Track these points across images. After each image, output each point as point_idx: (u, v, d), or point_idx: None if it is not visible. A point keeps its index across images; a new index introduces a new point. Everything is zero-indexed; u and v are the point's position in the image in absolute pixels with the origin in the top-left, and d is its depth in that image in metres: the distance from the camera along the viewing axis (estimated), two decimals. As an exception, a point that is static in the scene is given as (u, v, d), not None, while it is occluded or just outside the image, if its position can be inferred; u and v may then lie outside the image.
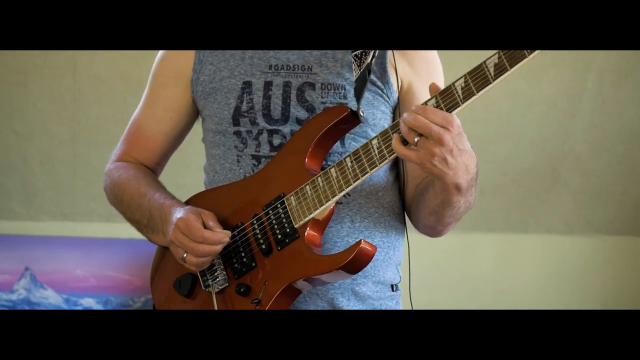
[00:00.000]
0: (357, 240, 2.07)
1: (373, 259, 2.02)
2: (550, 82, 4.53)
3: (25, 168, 4.60)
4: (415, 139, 1.90)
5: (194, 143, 2.44)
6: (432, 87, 1.95)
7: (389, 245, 2.20)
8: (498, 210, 4.75)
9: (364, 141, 2.12)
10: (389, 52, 2.16)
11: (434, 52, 2.24)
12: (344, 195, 2.06)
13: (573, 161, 4.73)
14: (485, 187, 4.37)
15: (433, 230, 2.17)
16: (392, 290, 2.22)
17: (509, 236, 4.88)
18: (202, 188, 2.28)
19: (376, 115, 2.16)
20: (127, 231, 4.67)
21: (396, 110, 2.20)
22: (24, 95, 4.48)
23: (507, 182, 4.68)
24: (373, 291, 2.18)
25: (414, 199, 2.18)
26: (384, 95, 2.17)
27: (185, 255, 2.08)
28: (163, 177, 2.36)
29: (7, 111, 4.51)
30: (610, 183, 4.79)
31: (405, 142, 1.93)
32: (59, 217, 4.70)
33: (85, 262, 4.63)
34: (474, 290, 4.84)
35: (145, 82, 2.35)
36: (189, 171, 4.22)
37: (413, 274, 2.32)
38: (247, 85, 2.17)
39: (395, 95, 2.18)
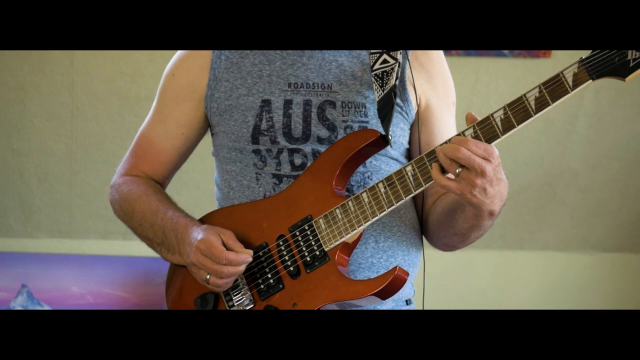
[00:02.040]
0: (380, 260, 2.12)
1: None
2: (546, 99, 4.53)
3: (23, 185, 4.60)
4: (457, 170, 1.92)
5: (192, 161, 2.44)
6: (469, 117, 1.98)
7: (409, 262, 2.21)
8: (495, 227, 4.71)
9: (383, 159, 2.16)
10: (408, 70, 2.17)
11: (447, 69, 2.26)
12: None
13: (570, 178, 4.74)
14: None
15: (453, 248, 2.20)
16: (407, 304, 2.24)
17: (505, 253, 4.88)
18: (199, 205, 2.27)
19: (395, 132, 2.17)
20: (124, 248, 4.69)
21: (414, 127, 2.20)
22: (21, 112, 4.48)
23: (503, 199, 4.67)
24: (391, 307, 2.19)
25: (431, 217, 2.20)
26: (403, 113, 2.17)
27: (208, 277, 2.07)
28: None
29: (4, 128, 4.51)
30: (606, 200, 4.80)
31: (442, 170, 1.96)
32: (55, 234, 4.69)
33: (82, 279, 4.62)
34: (471, 307, 4.83)
35: (142, 100, 2.35)
36: (186, 189, 4.23)
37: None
38: (266, 103, 2.17)
39: (414, 112, 2.19)
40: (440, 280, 4.75)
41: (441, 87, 2.22)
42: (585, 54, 1.95)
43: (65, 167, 4.58)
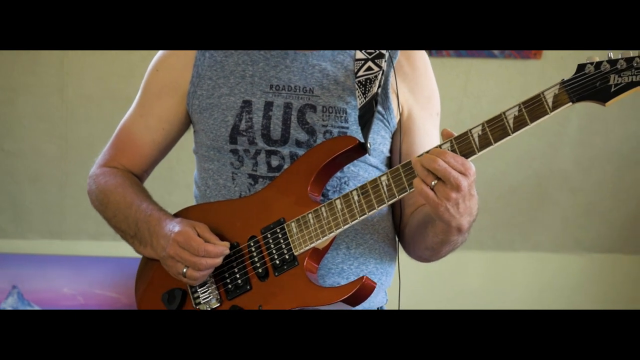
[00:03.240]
0: (351, 266, 2.12)
1: None
2: (538, 100, 4.54)
3: (14, 186, 4.59)
4: (433, 182, 1.91)
5: (182, 161, 2.44)
6: (445, 133, 1.97)
7: (381, 271, 2.20)
8: (486, 228, 4.76)
9: (362, 165, 2.15)
10: (392, 78, 2.17)
11: (433, 80, 2.25)
12: None
13: (561, 180, 4.74)
14: (473, 205, 4.38)
15: (426, 260, 2.20)
16: None
17: (497, 254, 4.89)
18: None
19: (376, 140, 2.16)
20: (115, 249, 4.68)
21: (395, 136, 2.20)
22: (12, 113, 4.47)
23: (495, 200, 4.69)
24: None
25: (408, 229, 2.20)
26: (385, 121, 2.17)
27: (185, 270, 2.07)
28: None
29: (-5, 129, 4.51)
30: (598, 201, 4.81)
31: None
32: (47, 235, 4.69)
33: (73, 280, 4.62)
34: (462, 307, 4.84)
35: (134, 101, 2.35)
36: (177, 189, 4.22)
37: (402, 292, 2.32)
38: (246, 104, 2.17)
39: (395, 120, 2.19)
40: (432, 281, 4.76)
41: (425, 97, 2.22)
42: (575, 54, 1.96)
43: (56, 168, 4.58)
